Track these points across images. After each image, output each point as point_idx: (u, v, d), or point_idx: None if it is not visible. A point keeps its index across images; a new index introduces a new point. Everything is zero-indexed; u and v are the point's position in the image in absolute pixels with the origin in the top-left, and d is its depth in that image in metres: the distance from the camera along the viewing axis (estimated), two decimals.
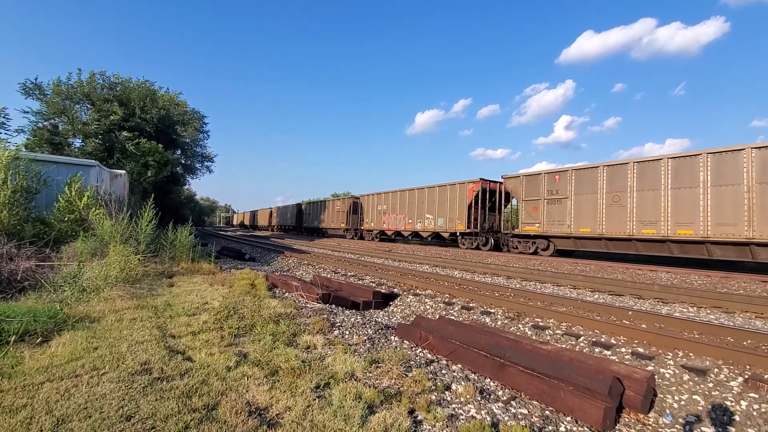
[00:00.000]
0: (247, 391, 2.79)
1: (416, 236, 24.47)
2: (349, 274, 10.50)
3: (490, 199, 19.79)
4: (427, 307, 6.81)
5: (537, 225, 16.03)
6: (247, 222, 71.89)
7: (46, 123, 21.53)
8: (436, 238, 22.91)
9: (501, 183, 18.76)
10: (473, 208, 19.29)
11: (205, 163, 33.69)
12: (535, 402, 3.24)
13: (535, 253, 16.41)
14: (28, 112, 21.37)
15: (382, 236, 27.44)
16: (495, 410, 2.96)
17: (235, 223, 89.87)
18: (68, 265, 6.43)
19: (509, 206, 20.30)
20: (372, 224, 27.51)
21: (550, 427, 2.85)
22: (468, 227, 19.24)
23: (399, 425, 2.43)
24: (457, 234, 20.19)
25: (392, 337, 4.70)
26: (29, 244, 6.92)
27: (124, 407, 2.46)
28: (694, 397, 3.41)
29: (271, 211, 52.78)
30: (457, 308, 6.56)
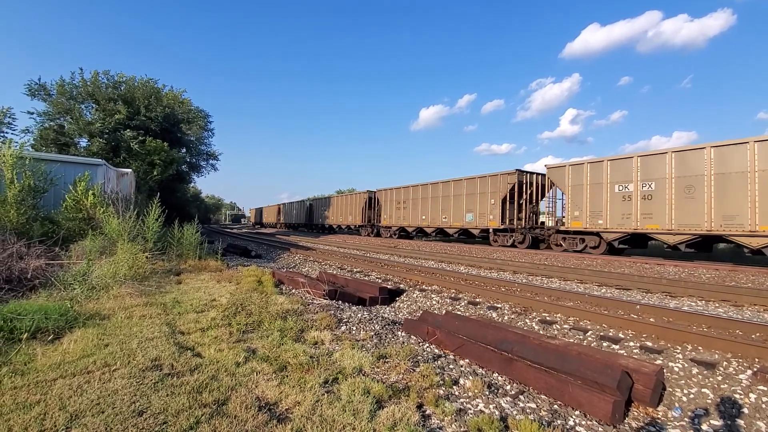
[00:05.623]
0: (256, 387, 2.81)
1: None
2: (355, 270, 10.53)
3: None
4: (434, 302, 6.81)
5: None
6: (254, 219, 71.21)
7: (52, 123, 21.67)
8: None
9: None
10: None
11: (210, 161, 33.76)
12: (543, 396, 3.24)
13: None
14: (33, 113, 21.55)
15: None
16: (503, 404, 2.96)
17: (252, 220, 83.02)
18: (77, 263, 6.49)
19: None
20: (594, 220, 14.05)
21: (559, 422, 2.85)
22: None
23: (408, 419, 2.44)
24: None
25: (399, 333, 4.72)
26: (38, 242, 7.00)
27: (136, 402, 2.49)
28: (703, 390, 3.40)
29: (317, 203, 37.86)
30: (463, 303, 6.56)
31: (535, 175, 17.65)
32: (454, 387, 3.19)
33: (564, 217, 15.42)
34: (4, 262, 5.69)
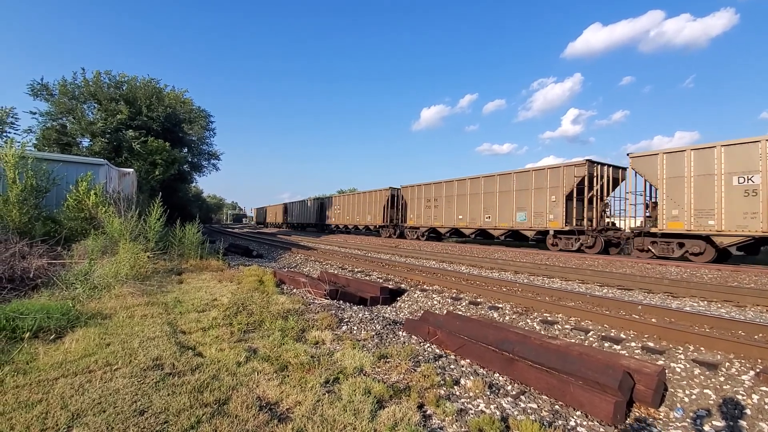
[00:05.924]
0: (257, 386, 2.81)
1: None
2: (357, 270, 10.53)
3: None
4: (435, 302, 6.81)
5: None
6: (256, 218, 71.29)
7: (54, 123, 21.73)
8: None
9: None
10: None
11: (212, 161, 33.79)
12: (544, 396, 3.24)
13: None
14: (36, 113, 21.61)
15: None
16: (504, 405, 2.96)
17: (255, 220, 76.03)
18: (79, 262, 6.51)
19: None
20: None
21: (560, 422, 2.84)
22: None
23: (408, 419, 2.44)
24: None
25: (400, 333, 4.71)
26: (41, 242, 7.02)
27: (138, 402, 2.50)
28: (705, 391, 3.39)
29: (328, 202, 33.67)
30: (464, 303, 6.55)
31: (606, 167, 15.00)
32: (455, 387, 3.18)
33: (651, 216, 12.87)
34: (6, 262, 5.70)
